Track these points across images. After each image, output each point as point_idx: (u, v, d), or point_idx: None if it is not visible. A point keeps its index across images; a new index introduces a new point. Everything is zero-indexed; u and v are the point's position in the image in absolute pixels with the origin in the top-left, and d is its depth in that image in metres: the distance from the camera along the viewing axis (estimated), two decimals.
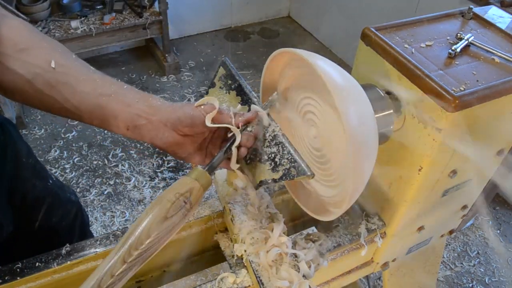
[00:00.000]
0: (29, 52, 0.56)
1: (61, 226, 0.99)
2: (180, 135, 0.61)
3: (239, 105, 0.68)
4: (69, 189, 1.06)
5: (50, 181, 0.96)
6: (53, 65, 0.56)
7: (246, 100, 0.67)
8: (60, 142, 2.33)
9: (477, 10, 0.79)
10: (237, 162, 0.66)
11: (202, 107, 0.61)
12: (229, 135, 0.65)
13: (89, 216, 1.49)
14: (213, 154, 0.66)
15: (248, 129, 0.64)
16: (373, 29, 0.71)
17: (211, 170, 0.60)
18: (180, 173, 2.20)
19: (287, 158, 0.61)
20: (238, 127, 0.63)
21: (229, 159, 0.65)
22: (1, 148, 0.82)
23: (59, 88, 0.57)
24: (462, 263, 1.88)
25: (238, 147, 0.63)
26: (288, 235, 0.73)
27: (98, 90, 0.58)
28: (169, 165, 2.24)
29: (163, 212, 0.51)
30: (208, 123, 0.60)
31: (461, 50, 0.68)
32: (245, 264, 0.73)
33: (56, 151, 2.28)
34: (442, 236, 0.99)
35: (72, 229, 1.03)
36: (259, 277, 0.67)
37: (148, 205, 1.72)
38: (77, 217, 1.05)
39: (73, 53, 0.61)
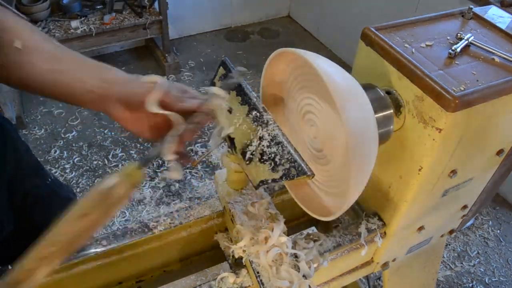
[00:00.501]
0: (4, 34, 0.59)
1: None
2: (130, 111, 0.61)
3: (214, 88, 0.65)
4: (68, 188, 1.06)
5: (49, 180, 0.97)
6: (19, 45, 0.59)
7: (246, 100, 0.67)
8: (60, 142, 2.33)
9: (477, 10, 0.79)
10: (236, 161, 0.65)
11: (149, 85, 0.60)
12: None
13: None
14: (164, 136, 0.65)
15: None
16: (373, 29, 0.71)
17: (144, 164, 0.57)
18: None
19: (287, 158, 0.61)
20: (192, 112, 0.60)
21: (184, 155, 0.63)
22: (1, 148, 0.82)
23: (24, 67, 0.59)
24: (462, 263, 1.88)
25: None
26: (288, 235, 0.73)
27: (56, 66, 0.60)
28: (169, 165, 2.24)
29: (81, 210, 0.51)
30: (151, 107, 0.58)
31: (461, 50, 0.68)
32: (245, 264, 0.73)
33: (56, 151, 2.28)
34: (442, 236, 0.99)
35: None
36: (259, 277, 0.67)
37: (147, 205, 1.71)
38: None
39: (42, 33, 0.63)
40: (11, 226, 0.84)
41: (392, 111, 0.68)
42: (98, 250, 0.75)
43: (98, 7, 2.58)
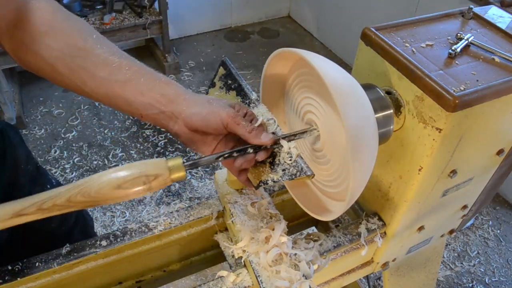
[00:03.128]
0: (50, 34, 0.57)
1: (59, 232, 0.98)
2: (190, 130, 0.60)
3: (265, 119, 0.63)
4: None
5: (48, 186, 0.95)
6: (71, 50, 0.57)
7: (246, 100, 0.67)
8: (60, 142, 2.33)
9: (477, 10, 0.79)
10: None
11: (218, 111, 0.57)
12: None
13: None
14: (220, 150, 0.62)
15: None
16: (373, 29, 0.71)
17: (192, 167, 0.55)
18: None
19: (287, 158, 0.61)
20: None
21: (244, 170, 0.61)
22: (0, 155, 0.81)
23: (77, 72, 0.57)
24: (462, 263, 1.88)
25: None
26: (288, 235, 0.73)
27: (113, 75, 0.58)
28: None
29: (120, 181, 0.51)
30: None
31: (461, 50, 0.68)
32: (245, 264, 0.73)
33: (56, 151, 2.28)
34: (442, 236, 0.99)
35: (71, 235, 1.02)
36: (259, 277, 0.67)
37: (147, 205, 1.70)
38: (78, 222, 1.04)
39: (95, 32, 0.60)
40: (5, 233, 0.84)
41: (392, 111, 0.68)
42: (98, 250, 0.75)
43: (98, 7, 2.58)
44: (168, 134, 2.40)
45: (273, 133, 0.61)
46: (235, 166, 0.59)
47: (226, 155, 0.57)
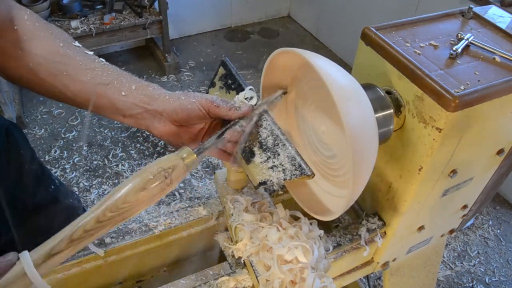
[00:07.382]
0: (33, 42, 0.59)
1: None
2: (175, 125, 0.62)
3: (237, 98, 0.67)
4: (72, 195, 1.05)
5: (53, 187, 0.95)
6: (53, 56, 0.59)
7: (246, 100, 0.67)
8: (60, 142, 2.33)
9: (477, 9, 0.79)
10: (236, 162, 0.65)
11: (197, 99, 0.61)
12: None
13: None
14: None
15: (243, 122, 0.63)
16: (373, 29, 0.71)
17: (200, 152, 0.59)
18: None
19: (287, 158, 0.61)
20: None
21: (226, 152, 0.65)
22: (5, 155, 0.81)
23: (60, 77, 0.59)
24: (462, 263, 1.88)
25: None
26: None
27: (97, 79, 0.60)
28: None
29: (143, 183, 0.52)
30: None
31: (462, 50, 0.68)
32: (245, 264, 0.73)
33: (56, 151, 2.28)
34: (442, 236, 0.99)
35: None
36: (259, 277, 0.67)
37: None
38: None
39: (75, 42, 0.63)
40: (9, 234, 0.84)
41: (392, 111, 0.68)
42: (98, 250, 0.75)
43: (98, 7, 2.58)
44: None
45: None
46: (226, 140, 0.62)
47: (223, 132, 0.61)
